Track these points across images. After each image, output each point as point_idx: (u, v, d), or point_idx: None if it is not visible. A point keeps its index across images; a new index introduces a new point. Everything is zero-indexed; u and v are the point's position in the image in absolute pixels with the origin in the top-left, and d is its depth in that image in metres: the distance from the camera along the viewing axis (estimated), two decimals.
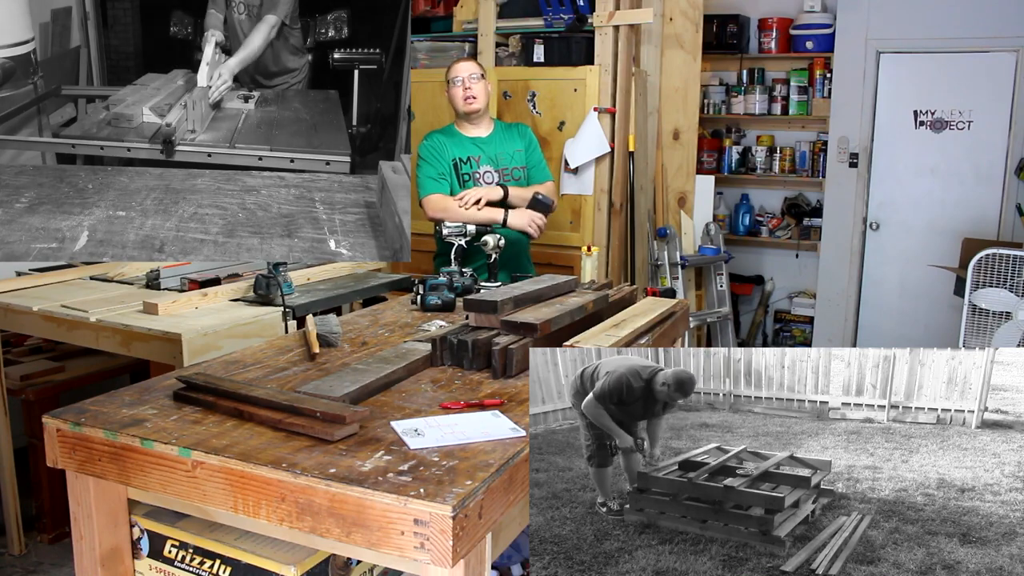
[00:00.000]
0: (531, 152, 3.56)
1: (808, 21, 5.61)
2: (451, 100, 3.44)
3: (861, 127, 5.47)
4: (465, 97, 3.37)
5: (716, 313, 5.14)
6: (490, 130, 3.50)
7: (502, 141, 3.49)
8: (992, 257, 3.89)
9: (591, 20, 4.19)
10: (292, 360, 2.05)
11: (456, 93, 3.39)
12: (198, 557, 1.62)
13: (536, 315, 2.13)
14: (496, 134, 3.51)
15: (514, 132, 3.56)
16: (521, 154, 3.51)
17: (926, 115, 5.38)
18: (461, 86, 3.37)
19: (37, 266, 3.24)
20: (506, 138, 3.51)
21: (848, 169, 5.54)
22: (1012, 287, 3.82)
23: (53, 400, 3.20)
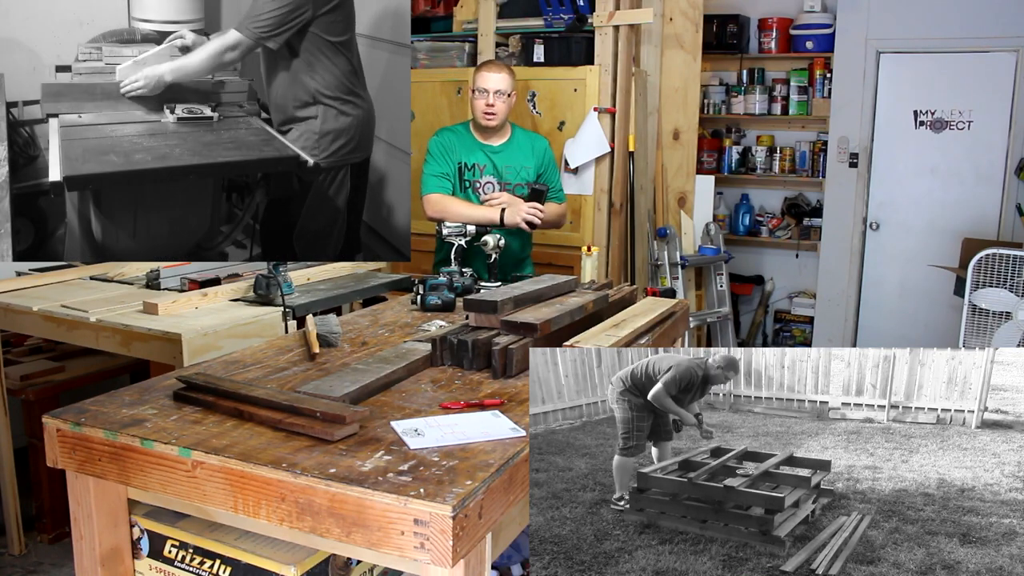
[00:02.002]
0: (548, 173, 3.46)
1: (808, 21, 5.61)
2: (472, 105, 3.35)
3: (861, 127, 5.47)
4: (486, 112, 3.29)
5: (716, 313, 5.14)
6: (504, 139, 3.41)
7: (514, 153, 3.40)
8: (992, 257, 3.89)
9: (591, 20, 4.18)
10: (292, 360, 2.05)
11: (478, 104, 3.30)
12: (198, 557, 1.62)
13: (536, 315, 2.13)
14: (510, 144, 3.41)
15: (528, 148, 3.44)
16: (529, 171, 3.41)
17: (926, 115, 5.38)
18: (484, 99, 3.27)
19: (37, 266, 3.24)
20: (519, 152, 3.41)
21: (848, 169, 5.54)
22: (1012, 287, 3.82)
23: (53, 400, 3.20)
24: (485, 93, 3.28)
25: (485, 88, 3.28)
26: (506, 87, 3.29)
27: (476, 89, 3.30)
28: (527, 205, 3.23)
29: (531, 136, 3.55)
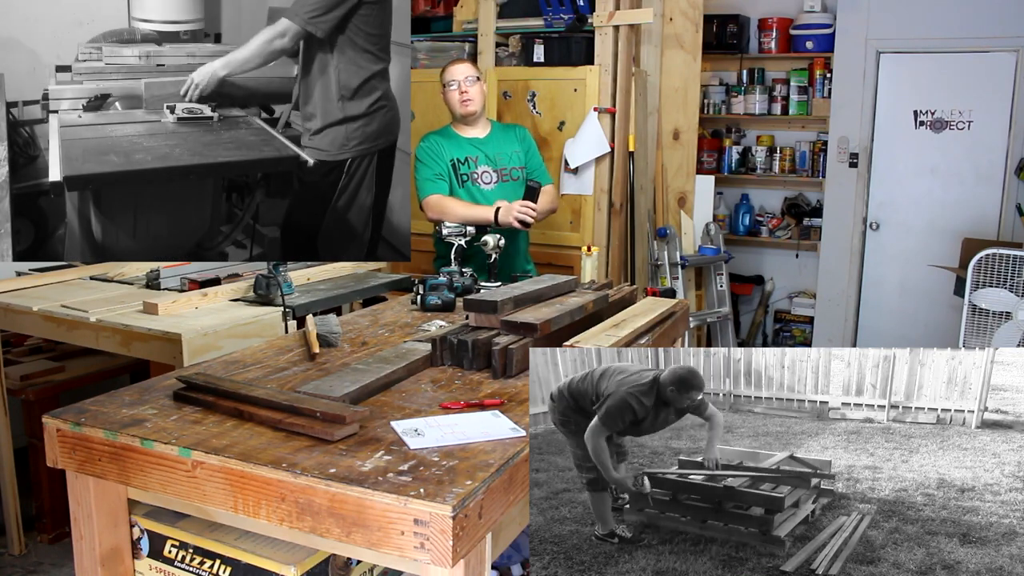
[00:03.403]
0: (530, 155, 3.56)
1: (808, 21, 5.61)
2: (447, 103, 3.44)
3: (861, 127, 5.47)
4: (462, 100, 3.37)
5: (716, 313, 5.14)
6: (487, 131, 3.50)
7: (500, 141, 3.49)
8: (992, 257, 3.89)
9: (591, 20, 4.18)
10: (292, 360, 2.05)
11: (452, 96, 3.39)
12: (198, 557, 1.62)
13: (536, 315, 2.13)
14: (494, 134, 3.51)
15: (512, 134, 3.56)
16: (519, 154, 3.51)
17: (926, 115, 5.38)
18: (457, 89, 3.37)
19: (37, 266, 3.24)
20: (504, 139, 3.51)
21: (848, 169, 5.54)
22: (1012, 287, 3.82)
23: (53, 400, 3.20)
24: (455, 83, 3.37)
25: (454, 79, 3.38)
26: (473, 72, 3.41)
27: (446, 84, 3.40)
28: (519, 203, 3.24)
29: (510, 125, 3.71)
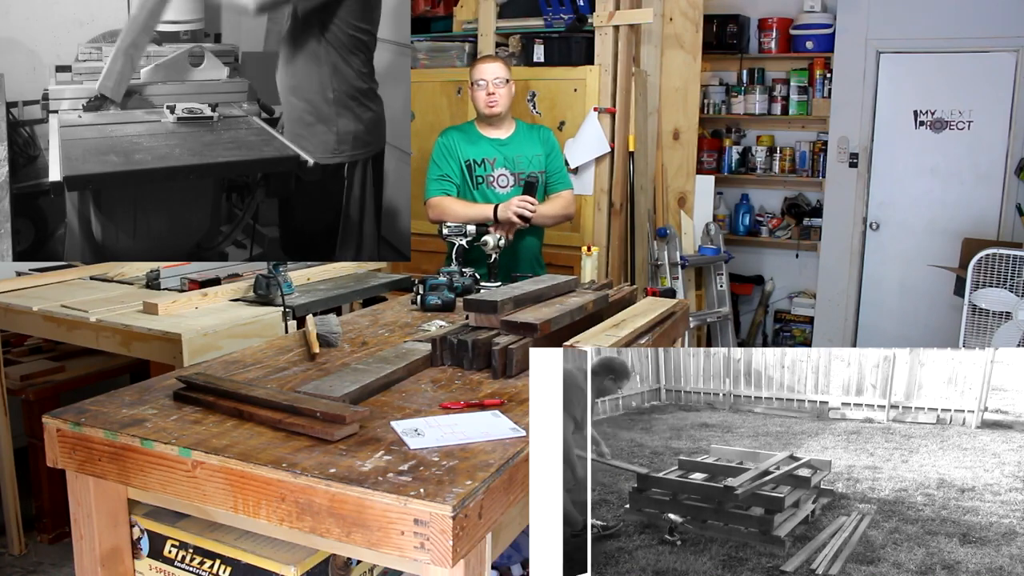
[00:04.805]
0: (552, 159, 3.48)
1: (808, 21, 5.61)
2: (473, 101, 3.39)
3: (861, 127, 5.47)
4: (488, 102, 3.33)
5: (716, 313, 5.14)
6: (511, 131, 3.44)
7: (522, 143, 3.43)
8: (992, 257, 3.89)
9: (591, 20, 4.18)
10: (292, 360, 2.05)
11: (479, 95, 3.34)
12: (198, 557, 1.62)
13: (536, 315, 2.13)
14: (517, 136, 3.44)
15: (535, 136, 3.49)
16: (540, 158, 3.44)
17: (926, 115, 5.38)
18: (484, 89, 3.32)
19: (37, 266, 3.24)
20: (527, 141, 3.45)
21: (848, 169, 5.54)
22: (1012, 287, 3.82)
23: (53, 400, 3.20)
24: (484, 83, 3.33)
25: (483, 79, 3.33)
26: (503, 74, 3.35)
27: (475, 82, 3.35)
28: (517, 198, 3.21)
29: (535, 127, 3.61)
